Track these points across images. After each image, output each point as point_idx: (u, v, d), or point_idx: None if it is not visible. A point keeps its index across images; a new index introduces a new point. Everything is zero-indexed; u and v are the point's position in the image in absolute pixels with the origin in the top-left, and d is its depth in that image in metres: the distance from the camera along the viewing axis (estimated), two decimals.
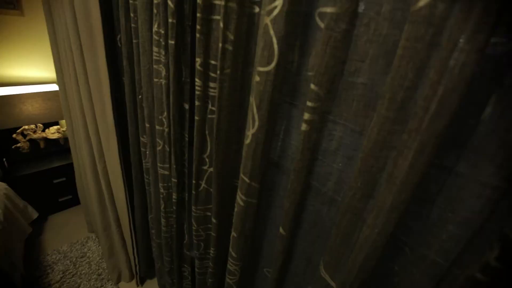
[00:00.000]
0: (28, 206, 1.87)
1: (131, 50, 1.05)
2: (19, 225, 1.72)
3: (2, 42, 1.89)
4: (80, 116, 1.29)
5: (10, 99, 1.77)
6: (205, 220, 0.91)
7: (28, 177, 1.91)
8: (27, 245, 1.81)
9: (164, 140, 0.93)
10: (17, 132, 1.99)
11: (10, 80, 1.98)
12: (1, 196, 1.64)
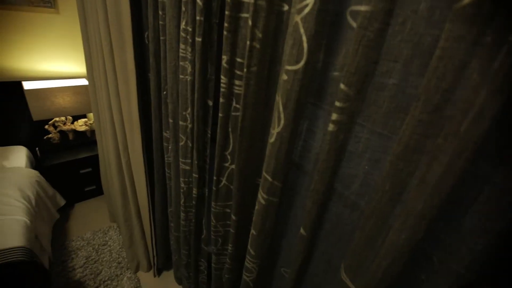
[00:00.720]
0: (56, 193, 1.97)
1: (158, 47, 1.07)
2: (48, 211, 1.82)
3: (39, 38, 1.99)
4: (107, 110, 1.34)
5: (44, 92, 1.87)
6: (224, 216, 0.92)
7: (58, 166, 2.01)
8: (54, 231, 1.91)
9: (187, 136, 0.95)
10: (49, 123, 2.10)
11: (44, 74, 2.09)
12: (34, 183, 1.74)
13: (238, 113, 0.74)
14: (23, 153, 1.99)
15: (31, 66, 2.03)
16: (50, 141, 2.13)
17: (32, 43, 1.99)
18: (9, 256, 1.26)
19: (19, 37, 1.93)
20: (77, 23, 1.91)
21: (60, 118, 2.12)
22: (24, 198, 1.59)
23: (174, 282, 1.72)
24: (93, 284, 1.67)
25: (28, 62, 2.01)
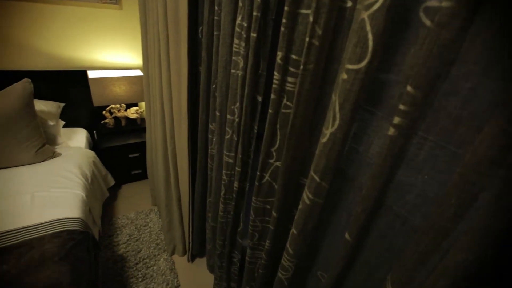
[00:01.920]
0: (108, 174, 2.15)
1: (210, 41, 1.11)
2: (100, 189, 1.99)
3: (103, 32, 2.18)
4: (158, 100, 1.42)
5: (105, 81, 2.05)
6: (264, 212, 0.93)
7: (110, 149, 2.19)
8: (104, 207, 2.08)
9: (233, 130, 0.97)
10: (106, 109, 2.29)
11: (104, 64, 2.28)
12: (91, 163, 1.92)
13: (288, 110, 0.73)
14: (83, 135, 2.21)
15: (95, 57, 2.23)
16: (106, 126, 2.33)
17: (97, 36, 2.18)
18: (68, 224, 1.41)
19: (87, 31, 2.13)
20: (137, 18, 2.05)
21: (116, 105, 2.30)
22: (82, 175, 1.76)
23: (206, 269, 1.79)
24: (133, 260, 1.80)
25: (92, 53, 2.21)
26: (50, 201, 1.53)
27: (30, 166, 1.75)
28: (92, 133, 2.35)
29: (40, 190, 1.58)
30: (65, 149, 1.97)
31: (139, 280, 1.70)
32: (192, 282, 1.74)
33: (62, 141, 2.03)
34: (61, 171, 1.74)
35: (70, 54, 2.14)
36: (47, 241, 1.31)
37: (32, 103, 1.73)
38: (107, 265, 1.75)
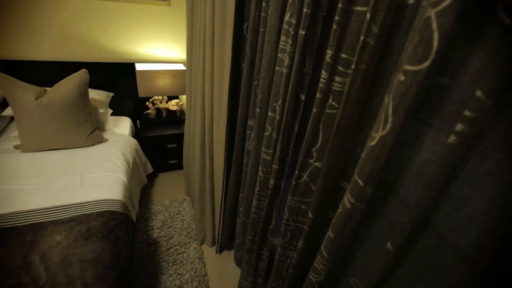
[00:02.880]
0: (147, 161, 2.28)
1: (255, 38, 1.11)
2: (140, 175, 2.11)
3: (151, 27, 2.29)
4: (200, 94, 1.47)
5: (150, 73, 2.16)
6: (298, 212, 0.92)
7: (151, 138, 2.31)
8: (141, 193, 2.21)
9: (273, 127, 0.97)
10: (149, 100, 2.42)
11: (150, 58, 2.41)
12: (133, 150, 2.04)
13: (333, 110, 0.71)
14: (128, 124, 2.35)
15: (142, 50, 2.36)
16: (148, 116, 2.46)
17: (146, 31, 2.30)
18: (111, 205, 1.52)
19: (136, 26, 2.25)
20: (184, 14, 2.13)
21: (158, 97, 2.42)
22: (125, 161, 1.88)
23: (233, 262, 1.82)
24: (165, 245, 1.89)
25: (140, 47, 2.34)
26: (97, 183, 1.66)
27: (81, 149, 1.91)
28: (135, 122, 2.50)
29: (89, 171, 1.72)
30: (111, 135, 2.11)
31: (170, 264, 1.78)
32: (218, 272, 1.79)
33: (109, 128, 2.19)
34: (108, 156, 1.87)
35: (120, 48, 2.29)
36: (93, 218, 1.42)
37: (87, 91, 1.88)
38: (141, 247, 1.86)
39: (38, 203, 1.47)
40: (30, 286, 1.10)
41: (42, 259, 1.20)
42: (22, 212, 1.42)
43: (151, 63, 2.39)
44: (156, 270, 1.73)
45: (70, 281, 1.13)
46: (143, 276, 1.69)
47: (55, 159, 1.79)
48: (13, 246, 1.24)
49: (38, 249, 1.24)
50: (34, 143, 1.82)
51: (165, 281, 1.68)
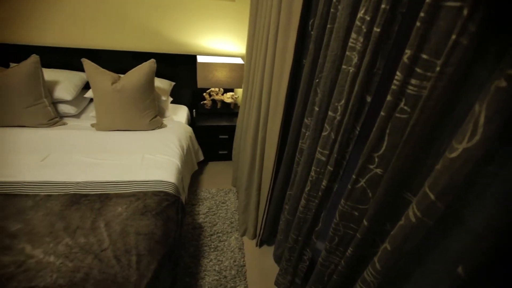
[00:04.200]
0: (199, 149, 2.40)
1: (321, 34, 1.08)
2: (191, 161, 2.24)
3: (214, 21, 2.38)
4: (258, 88, 1.49)
5: (210, 66, 2.25)
6: (351, 217, 0.88)
7: (205, 128, 2.43)
8: (191, 178, 2.34)
9: (332, 127, 0.94)
10: (206, 92, 2.54)
11: (210, 51, 2.51)
12: (188, 137, 2.16)
13: (404, 115, 0.66)
14: (185, 112, 2.50)
15: (203, 43, 2.47)
16: (204, 106, 2.58)
17: (209, 25, 2.40)
18: (165, 187, 1.64)
19: (200, 20, 2.36)
20: (246, 10, 2.17)
21: (215, 89, 2.52)
22: (180, 147, 2.01)
23: (272, 257, 1.83)
24: (209, 231, 1.98)
25: (202, 40, 2.45)
26: (155, 164, 1.80)
27: (143, 132, 2.09)
28: (191, 111, 2.64)
29: (148, 153, 1.88)
30: (170, 122, 2.27)
31: (211, 250, 1.86)
32: (256, 265, 1.81)
33: (168, 115, 2.35)
34: (165, 141, 2.01)
35: (184, 40, 2.43)
36: (149, 196, 1.54)
37: (153, 80, 2.04)
38: (187, 229, 1.97)
39: (106, 176, 1.65)
40: (96, 247, 1.24)
41: (106, 226, 1.35)
42: (94, 182, 1.61)
43: (211, 55, 2.49)
44: (198, 253, 1.82)
45: (127, 249, 1.26)
46: (187, 256, 1.79)
47: (122, 139, 1.98)
48: (85, 210, 1.41)
49: (103, 216, 1.40)
50: (106, 123, 2.04)
51: (206, 265, 1.76)
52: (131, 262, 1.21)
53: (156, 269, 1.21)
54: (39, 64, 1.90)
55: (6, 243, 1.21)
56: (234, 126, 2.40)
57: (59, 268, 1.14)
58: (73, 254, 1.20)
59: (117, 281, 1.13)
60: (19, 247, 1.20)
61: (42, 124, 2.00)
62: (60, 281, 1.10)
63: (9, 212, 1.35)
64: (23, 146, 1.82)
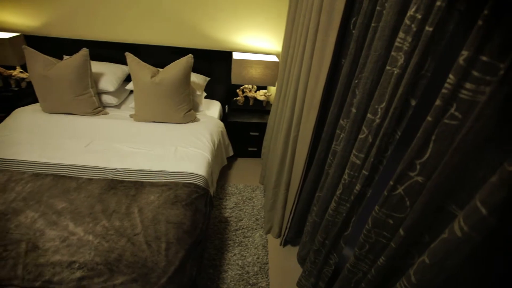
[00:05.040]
0: (229, 145, 2.43)
1: (364, 33, 1.04)
2: (221, 156, 2.28)
3: (250, 18, 2.39)
4: (293, 87, 1.47)
5: (245, 62, 2.27)
6: (384, 225, 0.84)
7: (236, 124, 2.46)
8: (220, 173, 2.38)
9: (370, 130, 0.90)
10: (240, 88, 2.56)
11: (245, 47, 2.53)
12: (219, 132, 2.21)
13: (455, 121, 0.62)
14: (217, 107, 2.55)
15: (239, 40, 2.49)
16: (236, 103, 2.61)
17: (245, 21, 2.41)
18: (196, 179, 1.68)
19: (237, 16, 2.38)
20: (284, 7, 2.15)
21: (248, 85, 2.54)
22: (212, 141, 2.05)
23: (295, 258, 1.81)
24: (234, 226, 2.01)
25: (238, 36, 2.48)
26: (187, 157, 1.85)
27: (177, 125, 2.16)
28: (224, 107, 2.68)
29: (181, 145, 1.94)
30: (203, 116, 2.33)
31: (235, 244, 1.88)
32: (279, 264, 1.81)
33: (202, 110, 2.41)
34: (198, 134, 2.07)
35: (220, 36, 2.47)
36: (180, 187, 1.60)
37: (190, 74, 2.10)
38: (213, 222, 2.02)
39: (141, 165, 1.74)
40: (129, 231, 1.31)
41: (139, 212, 1.42)
42: (130, 170, 1.70)
43: (246, 52, 2.51)
44: (223, 246, 1.86)
45: (157, 236, 1.31)
46: (212, 248, 1.83)
47: (157, 131, 2.07)
48: (121, 196, 1.50)
49: (137, 203, 1.47)
50: (144, 114, 2.14)
51: (230, 258, 1.79)
52: (160, 249, 1.26)
53: (183, 258, 1.26)
54: (88, 57, 2.04)
55: (53, 219, 1.32)
56: (265, 124, 2.41)
57: (96, 247, 1.22)
58: (109, 235, 1.28)
59: (147, 265, 1.19)
60: (63, 223, 1.31)
61: (87, 113, 2.15)
62: (97, 259, 1.17)
63: (57, 191, 1.47)
64: (70, 132, 1.97)
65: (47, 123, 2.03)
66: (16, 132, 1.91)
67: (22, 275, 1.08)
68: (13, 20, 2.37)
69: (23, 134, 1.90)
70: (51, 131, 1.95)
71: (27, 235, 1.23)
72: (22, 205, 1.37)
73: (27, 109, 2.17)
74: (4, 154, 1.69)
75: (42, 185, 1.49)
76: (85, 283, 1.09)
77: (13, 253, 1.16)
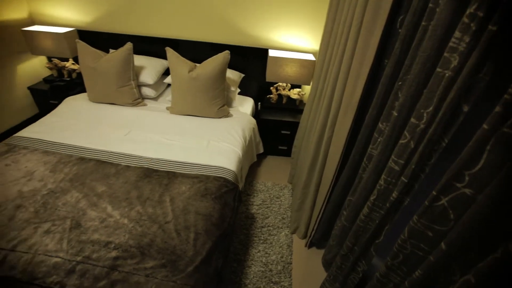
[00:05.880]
0: (260, 142, 2.44)
1: (412, 33, 0.98)
2: (252, 153, 2.29)
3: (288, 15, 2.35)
4: (330, 86, 1.43)
5: (281, 60, 2.26)
6: (423, 237, 0.79)
7: (268, 121, 2.45)
8: (249, 169, 2.40)
9: (413, 136, 0.85)
10: (273, 86, 2.55)
11: (281, 45, 2.50)
12: (251, 129, 2.22)
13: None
14: (250, 104, 2.56)
15: (275, 37, 2.47)
16: (269, 100, 2.60)
17: (282, 19, 2.38)
18: (226, 173, 1.71)
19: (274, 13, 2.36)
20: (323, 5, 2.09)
21: (282, 84, 2.52)
22: (243, 137, 2.07)
23: (320, 261, 1.78)
24: (260, 223, 2.01)
25: (274, 33, 2.46)
26: (218, 151, 1.89)
27: (211, 119, 2.21)
28: (256, 104, 2.69)
29: (214, 139, 1.98)
30: (236, 112, 2.35)
31: (260, 241, 1.89)
32: (303, 266, 1.79)
33: (235, 106, 2.44)
34: (230, 130, 2.10)
35: (256, 33, 2.47)
36: (210, 180, 1.64)
37: (226, 70, 2.13)
38: (240, 217, 2.04)
39: (175, 156, 1.80)
40: (161, 218, 1.37)
41: (171, 201, 1.47)
42: (164, 160, 1.77)
43: (281, 50, 2.49)
44: (248, 242, 1.87)
45: (187, 226, 1.36)
46: (237, 242, 1.86)
47: (191, 124, 2.13)
48: (155, 184, 1.57)
49: (169, 192, 1.53)
50: (180, 107, 2.21)
51: (254, 254, 1.80)
52: (189, 238, 1.30)
53: (210, 249, 1.29)
54: (132, 51, 2.15)
55: (94, 201, 1.42)
56: (297, 123, 2.38)
57: (130, 230, 1.29)
58: (142, 220, 1.35)
59: (175, 252, 1.24)
60: (103, 206, 1.40)
61: (127, 103, 2.27)
62: (131, 242, 1.24)
63: (98, 175, 1.58)
64: (112, 121, 2.09)
65: (92, 111, 2.18)
66: (65, 119, 2.08)
67: (66, 249, 1.18)
68: (68, 16, 2.57)
69: (71, 120, 2.05)
70: (96, 119, 2.09)
71: (72, 213, 1.34)
72: (68, 186, 1.49)
73: (76, 98, 2.35)
74: (56, 138, 1.84)
75: (86, 169, 1.61)
76: (119, 263, 1.16)
77: (60, 228, 1.26)
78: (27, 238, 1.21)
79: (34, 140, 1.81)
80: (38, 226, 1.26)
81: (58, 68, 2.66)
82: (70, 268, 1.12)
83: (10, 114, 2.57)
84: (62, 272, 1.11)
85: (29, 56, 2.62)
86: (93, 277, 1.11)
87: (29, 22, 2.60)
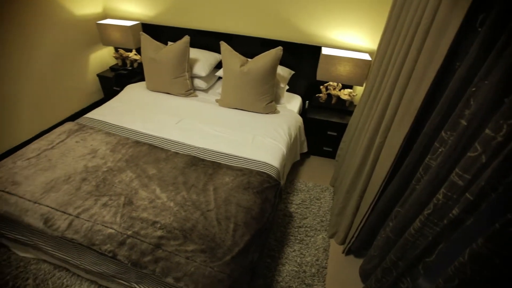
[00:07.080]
0: (305, 141, 2.40)
1: (495, 35, 0.87)
2: (295, 151, 2.27)
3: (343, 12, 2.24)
4: (387, 89, 1.34)
5: (334, 59, 2.18)
6: (487, 263, 0.71)
7: (315, 121, 2.39)
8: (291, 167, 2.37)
9: (485, 148, 0.76)
10: (324, 85, 2.48)
11: (335, 43, 2.40)
12: (297, 127, 2.19)
13: None
14: (298, 102, 2.53)
15: (329, 35, 2.39)
16: (318, 99, 2.54)
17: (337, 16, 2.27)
18: (269, 169, 1.72)
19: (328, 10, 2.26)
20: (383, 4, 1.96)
21: (333, 83, 2.44)
22: (289, 135, 2.05)
23: (357, 270, 1.70)
24: (298, 223, 1.99)
25: (328, 31, 2.37)
26: (263, 146, 1.90)
27: (258, 114, 2.23)
28: (304, 102, 2.64)
29: (259, 134, 2.00)
30: (283, 109, 2.34)
31: (296, 241, 1.87)
32: (338, 272, 1.72)
33: (283, 102, 2.43)
34: (276, 126, 2.10)
35: (311, 30, 2.41)
36: (253, 175, 1.65)
37: (277, 66, 2.13)
38: (278, 214, 2.03)
39: (221, 147, 1.86)
40: (203, 206, 1.43)
41: (214, 190, 1.53)
42: (210, 150, 1.84)
43: (336, 48, 2.39)
44: (284, 240, 1.87)
45: (227, 216, 1.39)
46: (273, 239, 1.86)
47: (238, 118, 2.18)
48: (200, 173, 1.64)
49: (213, 181, 1.59)
50: (229, 100, 2.27)
51: (288, 253, 1.79)
52: (228, 228, 1.34)
53: (248, 241, 1.31)
54: (188, 44, 2.26)
55: (145, 182, 1.53)
56: (345, 125, 2.28)
57: (175, 213, 1.37)
58: (186, 206, 1.42)
59: (215, 240, 1.28)
60: (152, 187, 1.50)
61: (181, 94, 2.40)
62: (175, 224, 1.32)
63: (150, 159, 1.70)
64: (166, 109, 2.23)
65: (149, 99, 2.35)
66: (125, 104, 2.27)
67: (119, 222, 1.30)
68: (135, 10, 2.79)
69: (130, 106, 2.24)
70: (151, 107, 2.25)
71: (126, 191, 1.46)
72: (124, 165, 1.63)
73: (136, 86, 2.55)
74: (116, 121, 2.02)
75: (140, 152, 1.74)
76: (163, 242, 1.24)
77: (115, 203, 1.39)
78: (89, 208, 1.35)
79: (99, 122, 2.01)
80: (98, 198, 1.41)
81: (122, 58, 2.91)
82: (121, 240, 1.23)
83: (81, 97, 2.89)
84: (115, 243, 1.23)
85: (100, 46, 2.91)
86: (140, 251, 1.21)
87: (103, 16, 2.88)
